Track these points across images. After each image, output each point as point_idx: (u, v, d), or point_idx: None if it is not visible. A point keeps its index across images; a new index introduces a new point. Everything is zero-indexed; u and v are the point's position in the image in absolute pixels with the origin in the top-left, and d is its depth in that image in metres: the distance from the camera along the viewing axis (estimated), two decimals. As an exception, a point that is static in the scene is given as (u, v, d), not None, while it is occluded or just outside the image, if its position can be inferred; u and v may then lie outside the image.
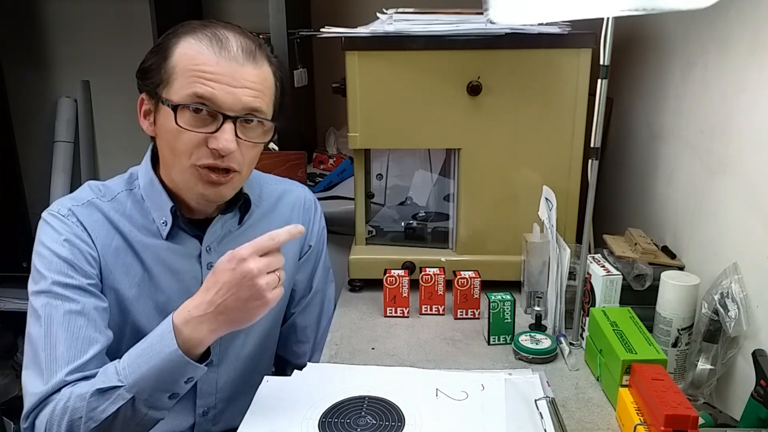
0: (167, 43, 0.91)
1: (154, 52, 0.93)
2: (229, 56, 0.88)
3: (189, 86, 0.88)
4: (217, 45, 0.89)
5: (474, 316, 1.20)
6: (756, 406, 0.80)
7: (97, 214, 0.97)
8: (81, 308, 0.91)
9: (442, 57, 1.18)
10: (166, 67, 0.90)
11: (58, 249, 0.92)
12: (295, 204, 1.15)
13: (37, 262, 0.94)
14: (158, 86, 0.91)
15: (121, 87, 2.25)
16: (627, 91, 1.45)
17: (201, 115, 0.89)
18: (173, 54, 0.90)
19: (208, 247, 1.02)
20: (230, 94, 0.89)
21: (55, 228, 0.94)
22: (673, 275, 0.99)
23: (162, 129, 0.92)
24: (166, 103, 0.89)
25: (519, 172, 1.24)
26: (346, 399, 0.91)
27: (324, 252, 1.22)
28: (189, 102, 0.88)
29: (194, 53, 0.88)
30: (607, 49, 0.94)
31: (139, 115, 0.96)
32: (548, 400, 0.90)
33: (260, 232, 1.08)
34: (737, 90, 0.98)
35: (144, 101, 0.95)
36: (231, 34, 0.91)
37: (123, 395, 0.84)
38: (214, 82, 0.88)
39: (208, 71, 0.88)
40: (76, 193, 1.00)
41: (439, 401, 0.91)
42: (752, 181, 0.93)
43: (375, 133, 1.24)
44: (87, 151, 2.37)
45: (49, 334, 0.89)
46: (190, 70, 0.88)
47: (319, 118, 2.37)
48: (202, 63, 0.88)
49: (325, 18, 2.02)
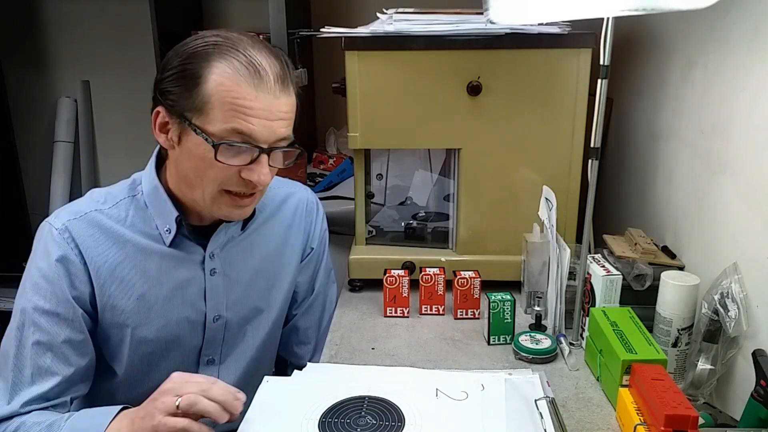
0: (196, 67, 0.87)
1: (180, 73, 0.88)
2: (267, 89, 0.87)
3: (228, 120, 0.86)
4: (256, 77, 0.86)
5: (474, 316, 1.20)
6: (756, 406, 0.80)
7: (93, 229, 0.96)
8: (50, 340, 0.93)
9: (442, 57, 1.18)
10: (199, 94, 0.87)
11: (45, 269, 0.94)
12: (298, 207, 1.15)
13: (26, 276, 0.96)
14: (188, 111, 0.88)
15: (121, 87, 2.25)
16: (627, 91, 1.45)
17: (239, 148, 0.88)
18: (207, 81, 0.86)
19: (211, 254, 1.02)
20: (267, 128, 0.88)
21: (47, 246, 0.94)
22: (673, 275, 0.99)
23: (190, 153, 0.91)
24: (202, 134, 0.87)
25: (519, 172, 1.24)
26: (346, 399, 0.91)
27: (326, 254, 1.22)
28: (229, 139, 0.87)
29: (232, 85, 0.86)
30: (607, 49, 0.94)
31: (153, 127, 0.93)
32: (548, 400, 0.90)
33: (263, 236, 1.09)
34: (737, 90, 0.98)
35: (162, 115, 0.91)
36: (264, 60, 0.88)
37: None
38: (254, 118, 0.87)
39: (248, 106, 0.86)
40: (77, 203, 1.00)
41: (439, 401, 0.91)
42: (752, 181, 0.93)
43: (375, 133, 1.24)
44: (87, 151, 2.37)
45: (19, 356, 0.93)
46: (229, 103, 0.86)
47: (319, 118, 2.37)
48: (241, 97, 0.86)
49: (325, 18, 2.02)
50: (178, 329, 1.02)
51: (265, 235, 1.09)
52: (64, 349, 0.94)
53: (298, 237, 1.14)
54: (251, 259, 1.07)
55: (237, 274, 1.05)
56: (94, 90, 2.34)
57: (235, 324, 1.07)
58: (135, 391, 1.00)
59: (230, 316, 1.06)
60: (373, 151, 1.38)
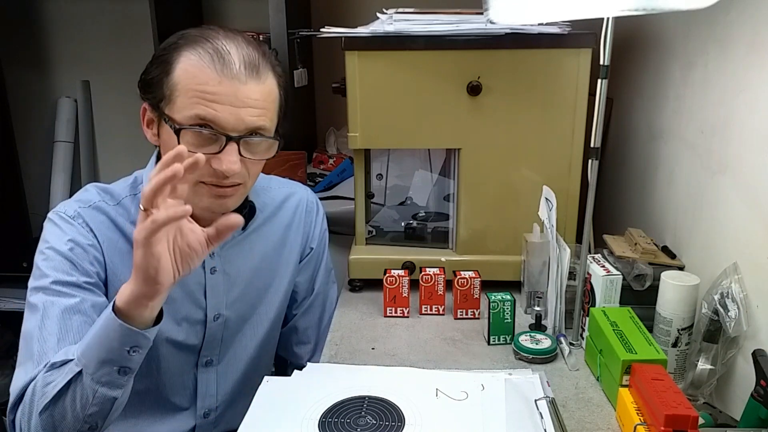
0: (168, 56, 0.88)
1: (156, 65, 0.90)
2: (231, 74, 0.85)
3: (191, 107, 0.86)
4: (219, 62, 0.85)
5: (474, 316, 1.20)
6: (756, 406, 0.80)
7: (103, 217, 0.97)
8: (78, 304, 0.90)
9: (442, 57, 1.18)
10: (168, 83, 0.87)
11: (62, 248, 0.93)
12: (298, 207, 1.15)
13: (40, 260, 0.94)
14: (160, 101, 0.89)
15: (121, 87, 2.25)
16: (627, 91, 1.45)
17: (204, 135, 0.87)
18: (174, 69, 0.87)
19: (211, 252, 1.02)
20: (233, 115, 0.86)
21: (61, 228, 0.94)
22: (673, 275, 0.99)
23: (165, 144, 0.91)
24: (168, 122, 0.87)
25: (519, 172, 1.24)
26: (346, 399, 0.91)
27: (325, 254, 1.22)
28: (191, 124, 0.86)
29: (195, 71, 0.85)
30: (607, 49, 0.94)
31: (142, 124, 0.94)
32: (548, 400, 0.90)
33: (263, 236, 1.09)
34: (737, 90, 0.98)
35: (147, 111, 0.93)
36: (233, 47, 0.87)
37: (72, 368, 0.82)
38: (217, 103, 0.85)
39: (210, 91, 0.85)
40: (81, 195, 1.00)
41: (439, 401, 0.91)
42: (752, 181, 0.93)
43: (375, 133, 1.24)
44: (87, 151, 2.37)
45: (43, 327, 0.89)
46: (192, 89, 0.85)
47: (319, 118, 2.37)
48: (203, 82, 0.85)
49: (325, 18, 2.02)
50: (178, 328, 1.02)
51: (265, 235, 1.09)
52: (91, 313, 0.91)
53: (297, 237, 1.14)
54: (251, 258, 1.07)
55: (237, 273, 1.05)
56: (94, 90, 2.34)
57: (234, 323, 1.07)
58: (134, 388, 1.01)
59: (230, 314, 1.06)
60: (373, 151, 1.38)
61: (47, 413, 0.82)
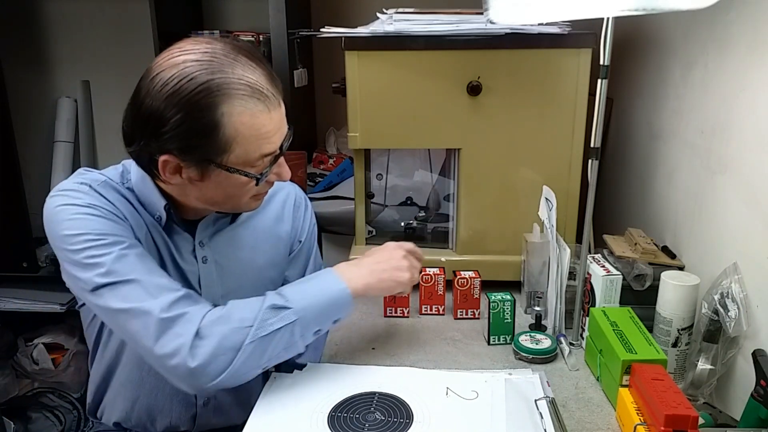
0: (207, 117, 0.84)
1: (189, 129, 0.85)
2: (273, 105, 0.89)
3: (256, 150, 0.89)
4: (262, 99, 0.87)
5: (474, 316, 1.20)
6: (756, 406, 0.80)
7: (111, 192, 0.96)
8: (134, 243, 0.92)
9: (442, 57, 1.18)
10: (222, 139, 0.86)
11: (83, 207, 0.91)
12: (287, 200, 1.15)
13: (64, 231, 0.90)
14: (212, 155, 0.88)
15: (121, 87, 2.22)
16: (627, 91, 1.45)
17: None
18: (225, 126, 0.85)
19: (201, 242, 1.02)
20: (281, 134, 0.92)
21: (74, 200, 0.91)
22: (673, 275, 0.99)
23: (219, 185, 0.91)
24: (237, 172, 0.89)
25: (519, 172, 1.24)
26: (356, 395, 0.92)
27: (314, 248, 1.22)
28: (261, 164, 0.90)
29: (250, 119, 0.86)
30: (607, 49, 0.94)
31: (161, 173, 0.90)
32: (548, 400, 0.90)
33: (252, 227, 1.09)
34: (737, 90, 0.98)
35: (171, 163, 0.89)
36: (257, 77, 0.88)
37: (289, 316, 0.90)
38: (274, 135, 0.90)
39: (268, 129, 0.89)
40: (79, 177, 0.97)
41: (449, 400, 0.91)
42: (752, 181, 0.93)
43: (375, 133, 1.24)
44: (87, 151, 2.37)
45: (140, 271, 0.89)
46: (253, 135, 0.88)
47: (319, 118, 2.37)
48: (260, 125, 0.88)
49: (325, 18, 2.02)
50: None
51: (254, 228, 1.10)
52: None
53: (286, 230, 1.14)
54: (240, 250, 1.08)
55: (227, 264, 1.06)
56: (94, 90, 2.34)
57: None
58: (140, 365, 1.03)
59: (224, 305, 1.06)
60: (373, 151, 1.38)
61: (254, 344, 0.88)
